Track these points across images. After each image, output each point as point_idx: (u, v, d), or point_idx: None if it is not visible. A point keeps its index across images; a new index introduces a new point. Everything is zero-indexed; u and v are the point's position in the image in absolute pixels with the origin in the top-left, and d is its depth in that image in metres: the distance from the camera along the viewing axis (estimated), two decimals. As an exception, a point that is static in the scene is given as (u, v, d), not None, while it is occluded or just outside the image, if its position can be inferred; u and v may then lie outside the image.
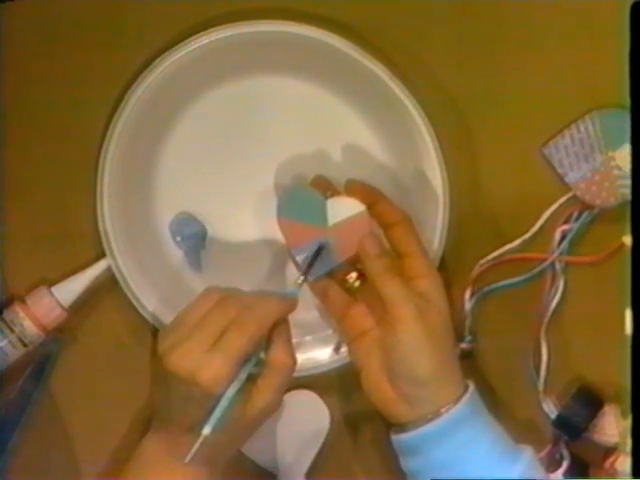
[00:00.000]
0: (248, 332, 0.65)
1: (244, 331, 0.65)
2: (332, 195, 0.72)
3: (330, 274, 0.73)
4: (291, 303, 0.69)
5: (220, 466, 0.69)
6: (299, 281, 0.70)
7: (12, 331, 0.74)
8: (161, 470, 0.68)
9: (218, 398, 0.64)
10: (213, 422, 0.64)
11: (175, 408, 0.66)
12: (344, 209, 0.71)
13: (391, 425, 0.70)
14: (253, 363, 0.66)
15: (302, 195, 0.73)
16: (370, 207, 0.71)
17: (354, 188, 0.72)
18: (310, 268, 0.71)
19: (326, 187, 0.73)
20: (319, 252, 0.71)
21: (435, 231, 0.75)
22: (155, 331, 0.76)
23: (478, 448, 0.67)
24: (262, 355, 0.68)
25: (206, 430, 0.64)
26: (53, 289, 0.76)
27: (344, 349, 0.75)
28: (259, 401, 0.66)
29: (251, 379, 0.66)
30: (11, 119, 0.77)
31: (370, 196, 0.72)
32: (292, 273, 0.76)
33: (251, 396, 0.66)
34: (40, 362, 0.77)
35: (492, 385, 0.77)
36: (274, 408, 0.68)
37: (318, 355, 0.76)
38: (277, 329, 0.68)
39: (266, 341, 0.68)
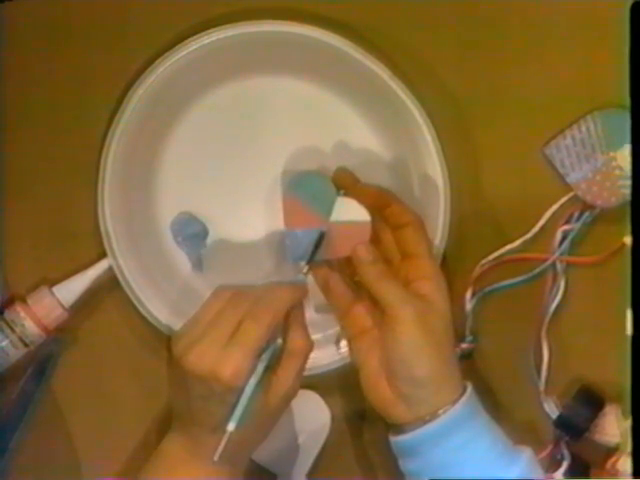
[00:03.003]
0: (264, 322, 0.65)
1: (260, 322, 0.65)
2: (345, 195, 0.72)
3: (333, 267, 0.73)
4: (302, 289, 0.70)
5: (243, 464, 0.70)
6: (304, 270, 0.71)
7: (13, 331, 0.74)
8: (184, 470, 0.68)
9: (239, 392, 0.64)
10: (237, 417, 0.64)
11: (196, 409, 0.66)
12: (350, 211, 0.71)
13: (391, 426, 0.70)
14: (270, 353, 0.67)
15: (316, 182, 0.73)
16: (383, 209, 0.71)
17: (368, 191, 0.72)
18: (314, 256, 0.71)
19: (350, 179, 0.73)
20: (321, 239, 0.71)
21: (436, 231, 0.75)
22: (156, 331, 0.76)
23: (476, 450, 0.67)
24: (279, 341, 0.68)
25: (230, 426, 0.64)
26: (54, 289, 0.76)
27: (344, 344, 0.76)
28: (280, 388, 0.67)
29: (269, 368, 0.67)
30: (11, 119, 0.77)
31: (384, 199, 0.72)
32: (294, 272, 0.76)
33: (271, 385, 0.67)
34: (41, 362, 0.77)
35: (493, 385, 0.77)
36: (294, 393, 0.68)
37: (319, 355, 0.76)
38: (292, 315, 0.68)
39: (283, 328, 0.68)
